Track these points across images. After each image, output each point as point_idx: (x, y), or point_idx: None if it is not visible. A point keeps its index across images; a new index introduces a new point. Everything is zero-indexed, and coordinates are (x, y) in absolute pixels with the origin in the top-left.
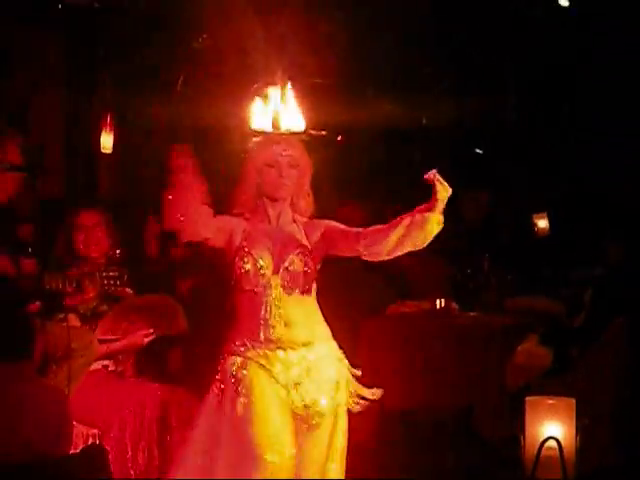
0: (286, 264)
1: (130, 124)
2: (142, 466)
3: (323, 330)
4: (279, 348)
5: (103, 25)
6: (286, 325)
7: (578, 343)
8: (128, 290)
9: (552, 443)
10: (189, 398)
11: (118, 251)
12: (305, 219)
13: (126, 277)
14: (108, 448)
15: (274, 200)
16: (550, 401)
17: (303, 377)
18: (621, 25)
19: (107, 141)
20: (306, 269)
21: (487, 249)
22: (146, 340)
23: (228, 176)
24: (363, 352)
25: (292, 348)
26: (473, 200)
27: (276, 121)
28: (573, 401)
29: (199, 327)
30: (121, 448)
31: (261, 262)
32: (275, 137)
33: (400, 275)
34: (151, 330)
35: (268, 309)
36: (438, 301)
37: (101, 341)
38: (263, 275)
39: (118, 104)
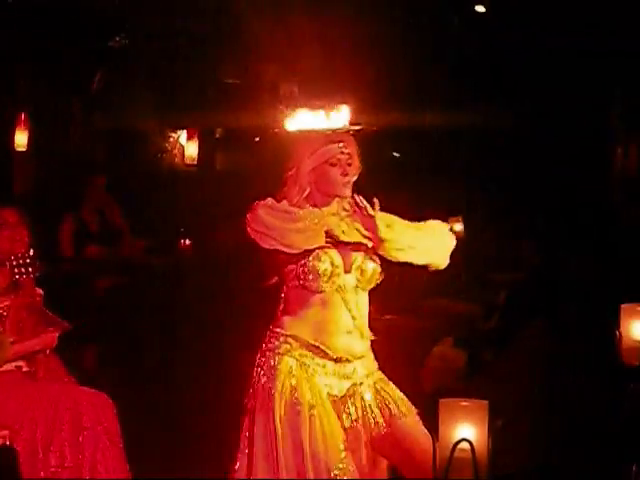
0: (358, 262)
1: (46, 122)
2: (53, 467)
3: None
4: (337, 360)
5: (18, 21)
6: (348, 333)
7: (491, 346)
8: (39, 290)
9: (465, 445)
10: (102, 398)
11: (32, 250)
12: None
13: (37, 264)
14: (19, 449)
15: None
16: (463, 403)
17: (356, 391)
18: None
19: (21, 139)
20: (375, 265)
21: None
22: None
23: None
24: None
25: (348, 360)
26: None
27: (331, 118)
28: (486, 403)
29: (114, 326)
30: (32, 449)
31: (337, 261)
32: (333, 134)
33: None
34: (60, 329)
35: (341, 312)
36: None
37: (12, 342)
38: (338, 275)
39: (34, 102)
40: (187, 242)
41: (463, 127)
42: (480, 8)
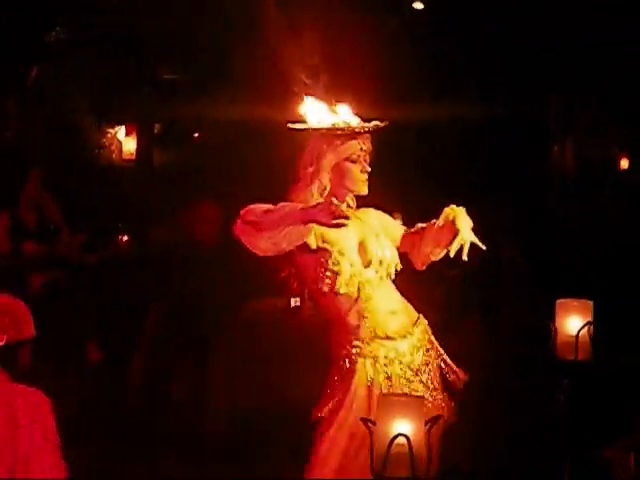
0: (379, 255)
1: None
2: None
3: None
4: (389, 339)
5: None
6: (393, 314)
7: None
8: None
9: (402, 440)
10: (37, 395)
11: None
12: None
13: None
14: None
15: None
16: (401, 398)
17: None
18: None
19: None
20: (390, 254)
21: None
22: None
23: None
24: (219, 348)
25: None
26: None
27: (351, 115)
28: (423, 398)
29: (51, 323)
30: None
31: (354, 258)
32: (353, 131)
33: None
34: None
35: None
36: (293, 300)
37: None
38: (360, 272)
39: None
40: (125, 238)
41: (403, 125)
42: (418, 5)
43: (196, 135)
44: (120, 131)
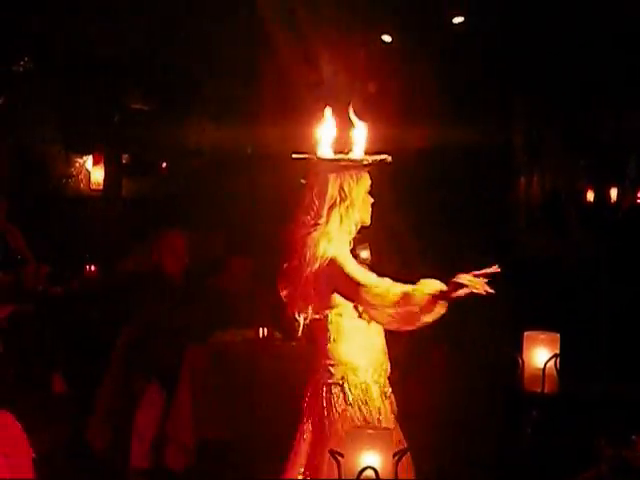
0: None
1: None
2: None
3: None
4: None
5: None
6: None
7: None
8: None
9: (370, 472)
10: (11, 421)
11: None
12: None
13: None
14: None
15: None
16: (369, 431)
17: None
18: None
19: None
20: None
21: None
22: None
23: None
24: (186, 380)
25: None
26: None
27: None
28: (391, 430)
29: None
30: None
31: None
32: (366, 165)
33: (223, 302)
34: None
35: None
36: (261, 330)
37: None
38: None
39: None
40: (92, 268)
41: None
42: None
43: (164, 165)
44: (88, 160)
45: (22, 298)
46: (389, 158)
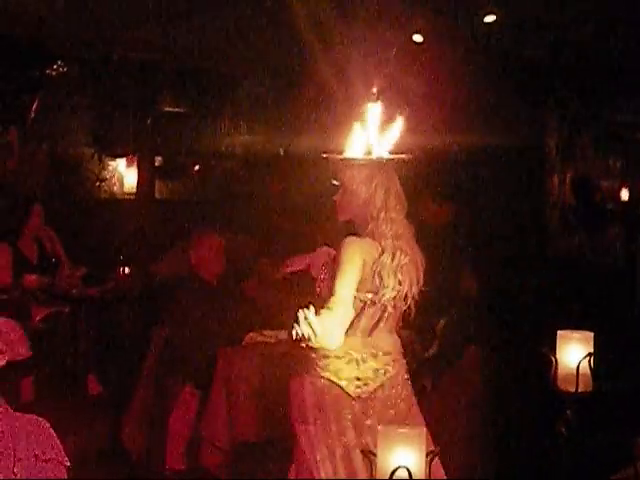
0: None
1: None
2: None
3: None
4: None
5: None
6: None
7: (430, 373)
8: None
9: (403, 472)
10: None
11: None
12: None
13: None
14: None
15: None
16: (401, 430)
17: None
18: None
19: None
20: None
21: None
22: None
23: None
24: (219, 382)
25: None
26: None
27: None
28: (424, 430)
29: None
30: None
31: None
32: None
33: (256, 304)
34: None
35: None
36: (294, 331)
37: None
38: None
39: None
40: (126, 271)
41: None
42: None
43: (197, 168)
44: (121, 164)
45: (58, 300)
46: (409, 157)
